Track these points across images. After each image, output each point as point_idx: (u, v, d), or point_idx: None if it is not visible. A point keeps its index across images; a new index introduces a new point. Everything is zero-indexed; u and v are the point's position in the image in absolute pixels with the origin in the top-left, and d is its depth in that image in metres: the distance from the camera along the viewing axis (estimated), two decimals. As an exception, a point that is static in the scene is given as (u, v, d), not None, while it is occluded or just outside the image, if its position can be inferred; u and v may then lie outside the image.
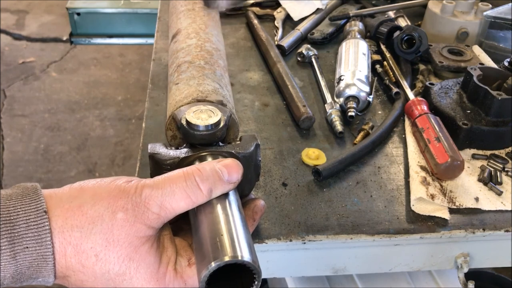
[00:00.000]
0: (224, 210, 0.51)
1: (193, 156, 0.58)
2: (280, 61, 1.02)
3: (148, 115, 0.88)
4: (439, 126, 0.80)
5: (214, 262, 0.45)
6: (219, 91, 0.70)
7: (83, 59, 3.29)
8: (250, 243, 0.48)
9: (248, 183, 0.63)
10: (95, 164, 2.50)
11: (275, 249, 0.68)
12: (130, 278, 0.48)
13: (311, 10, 1.24)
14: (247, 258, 0.46)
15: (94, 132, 2.70)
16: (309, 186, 0.75)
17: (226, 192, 0.53)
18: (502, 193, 0.74)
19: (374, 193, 0.74)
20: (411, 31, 1.01)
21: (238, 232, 0.48)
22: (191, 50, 0.79)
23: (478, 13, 1.13)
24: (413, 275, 1.08)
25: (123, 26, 2.13)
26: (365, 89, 0.89)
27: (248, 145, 0.60)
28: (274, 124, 0.89)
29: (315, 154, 0.80)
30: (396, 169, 0.79)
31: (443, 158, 0.74)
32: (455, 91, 0.89)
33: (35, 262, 0.45)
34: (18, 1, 3.90)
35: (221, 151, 0.58)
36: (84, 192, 0.49)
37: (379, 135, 0.83)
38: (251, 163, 0.60)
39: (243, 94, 0.97)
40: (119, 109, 2.87)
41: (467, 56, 1.02)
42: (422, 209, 0.71)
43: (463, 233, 0.69)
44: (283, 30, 1.20)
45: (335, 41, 1.17)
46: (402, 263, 0.73)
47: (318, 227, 0.68)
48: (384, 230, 0.68)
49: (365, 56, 0.98)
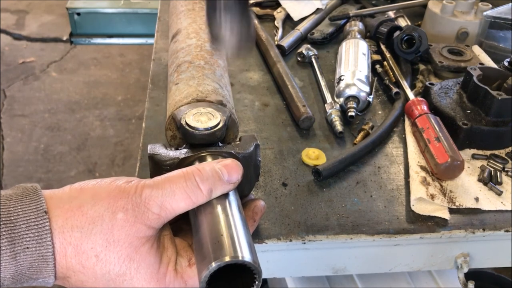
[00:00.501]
0: (224, 210, 0.51)
1: (192, 157, 0.58)
2: (280, 61, 1.02)
3: (148, 115, 0.88)
4: (439, 126, 0.80)
5: (215, 262, 0.45)
6: (219, 91, 0.70)
7: (83, 59, 3.29)
8: (251, 243, 0.48)
9: (248, 183, 0.63)
10: (95, 164, 2.50)
11: (275, 249, 0.68)
12: (130, 278, 0.48)
13: (311, 10, 1.24)
14: (247, 258, 0.46)
15: (94, 132, 2.70)
16: (309, 186, 0.75)
17: (226, 192, 0.53)
18: (502, 193, 0.74)
19: (374, 193, 0.74)
20: (411, 31, 1.01)
21: (239, 232, 0.48)
22: (191, 50, 0.79)
23: (478, 13, 1.13)
24: (413, 275, 1.08)
25: (123, 26, 2.13)
26: (365, 89, 0.89)
27: (248, 145, 0.60)
28: (274, 124, 0.89)
29: (315, 154, 0.80)
30: (396, 169, 0.79)
31: (443, 158, 0.74)
32: (455, 91, 0.89)
33: (35, 263, 0.45)
34: (18, 1, 3.90)
35: (220, 151, 0.58)
36: (84, 193, 0.49)
37: (379, 135, 0.83)
38: (250, 163, 0.61)
39: (243, 94, 0.97)
40: (119, 109, 2.87)
41: (467, 56, 1.02)
42: (422, 209, 0.71)
43: (463, 233, 0.69)
44: (283, 30, 1.20)
45: (335, 41, 1.17)
46: (402, 263, 0.73)
47: (318, 227, 0.68)
48: (384, 230, 0.68)
49: (365, 56, 0.99)
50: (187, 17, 0.91)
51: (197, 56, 0.77)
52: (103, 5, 2.09)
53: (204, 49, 0.80)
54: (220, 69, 0.77)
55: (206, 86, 0.70)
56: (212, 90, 0.69)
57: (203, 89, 0.69)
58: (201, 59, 0.77)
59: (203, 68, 0.74)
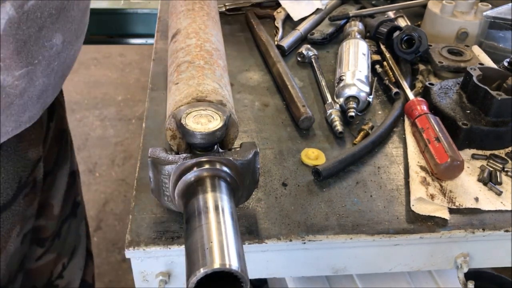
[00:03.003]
0: (216, 218, 0.52)
1: (191, 162, 0.58)
2: (280, 61, 1.02)
3: (148, 115, 0.88)
4: (439, 126, 0.80)
5: (203, 268, 0.46)
6: (218, 91, 0.70)
7: (83, 59, 3.29)
8: (240, 252, 0.49)
9: (246, 191, 0.63)
10: (95, 164, 2.50)
11: (275, 249, 0.68)
12: None
13: (311, 10, 1.24)
14: (235, 267, 0.47)
15: (94, 132, 2.70)
16: (309, 186, 0.75)
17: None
18: (502, 193, 0.74)
19: (374, 193, 0.74)
20: (410, 31, 1.01)
21: (229, 241, 0.49)
22: (190, 50, 0.79)
23: (477, 13, 1.13)
24: (413, 275, 1.08)
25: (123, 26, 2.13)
26: (365, 89, 0.89)
27: (247, 152, 0.61)
28: (274, 124, 0.89)
29: (314, 154, 0.80)
30: (396, 169, 0.80)
31: (443, 158, 0.74)
32: (455, 91, 0.89)
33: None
34: (18, 1, 3.89)
35: (219, 158, 0.59)
36: None
37: (379, 135, 0.83)
38: (249, 170, 0.61)
39: (243, 94, 0.97)
40: (119, 109, 2.87)
41: (466, 56, 1.02)
42: (422, 209, 0.71)
43: (463, 233, 0.69)
44: (283, 30, 1.20)
45: (335, 41, 1.17)
46: (402, 263, 0.73)
47: (318, 227, 0.68)
48: (384, 230, 0.68)
49: (365, 56, 0.99)
50: (186, 17, 0.91)
51: (197, 56, 0.77)
52: (103, 5, 2.09)
53: (204, 49, 0.80)
54: (220, 69, 0.77)
55: (206, 86, 0.70)
56: (212, 90, 0.69)
57: (203, 89, 0.69)
58: (201, 59, 0.77)
59: (203, 68, 0.74)
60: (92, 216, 2.19)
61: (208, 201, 0.54)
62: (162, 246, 0.64)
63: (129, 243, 0.64)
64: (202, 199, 0.55)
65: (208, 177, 0.58)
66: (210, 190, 0.56)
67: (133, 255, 0.65)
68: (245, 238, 0.66)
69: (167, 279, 0.68)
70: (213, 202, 0.54)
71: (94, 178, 2.41)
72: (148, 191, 0.66)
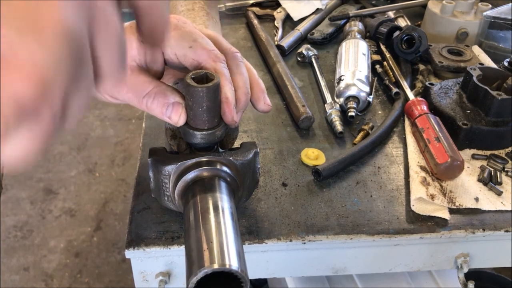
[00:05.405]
0: (216, 218, 0.52)
1: (191, 162, 0.58)
2: (280, 61, 1.02)
3: (148, 115, 0.88)
4: (439, 126, 0.80)
5: (203, 269, 0.46)
6: (219, 91, 0.70)
7: (83, 59, 3.29)
8: (240, 252, 0.49)
9: (246, 191, 0.63)
10: (95, 164, 2.50)
11: (275, 249, 0.68)
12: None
13: (311, 10, 1.24)
14: (235, 267, 0.46)
15: (94, 132, 2.70)
16: (309, 186, 0.75)
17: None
18: (502, 193, 0.74)
19: (374, 193, 0.74)
20: (410, 31, 1.01)
21: (229, 241, 0.49)
22: (191, 50, 0.79)
23: (477, 13, 1.13)
24: (413, 275, 1.08)
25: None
26: (365, 89, 0.89)
27: (247, 152, 0.61)
28: (274, 124, 0.89)
29: (314, 154, 0.80)
30: (396, 169, 0.79)
31: (443, 158, 0.74)
32: (455, 91, 0.89)
33: None
34: (18, 1, 3.89)
35: (219, 157, 0.59)
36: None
37: (379, 135, 0.83)
38: (249, 170, 0.61)
39: (243, 94, 0.97)
40: (119, 109, 2.87)
41: (467, 56, 1.02)
42: (422, 209, 0.71)
43: (463, 233, 0.69)
44: (283, 30, 1.20)
45: (335, 41, 1.17)
46: (402, 263, 0.73)
47: (318, 227, 0.68)
48: (384, 230, 0.68)
49: (365, 56, 0.99)
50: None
51: (197, 56, 0.77)
52: (103, 5, 2.09)
53: (204, 49, 0.79)
54: (220, 69, 0.77)
55: (206, 86, 0.70)
56: (212, 90, 0.69)
57: (203, 89, 0.69)
58: (201, 59, 0.76)
59: (203, 68, 0.74)
60: (92, 216, 2.19)
61: (208, 201, 0.54)
62: (162, 246, 0.64)
63: (129, 243, 0.64)
64: (202, 199, 0.55)
65: (208, 177, 0.58)
66: (210, 190, 0.56)
67: (133, 255, 0.65)
68: (245, 238, 0.66)
69: (167, 279, 0.68)
70: (213, 202, 0.54)
71: (94, 178, 2.41)
72: (148, 191, 0.66)
